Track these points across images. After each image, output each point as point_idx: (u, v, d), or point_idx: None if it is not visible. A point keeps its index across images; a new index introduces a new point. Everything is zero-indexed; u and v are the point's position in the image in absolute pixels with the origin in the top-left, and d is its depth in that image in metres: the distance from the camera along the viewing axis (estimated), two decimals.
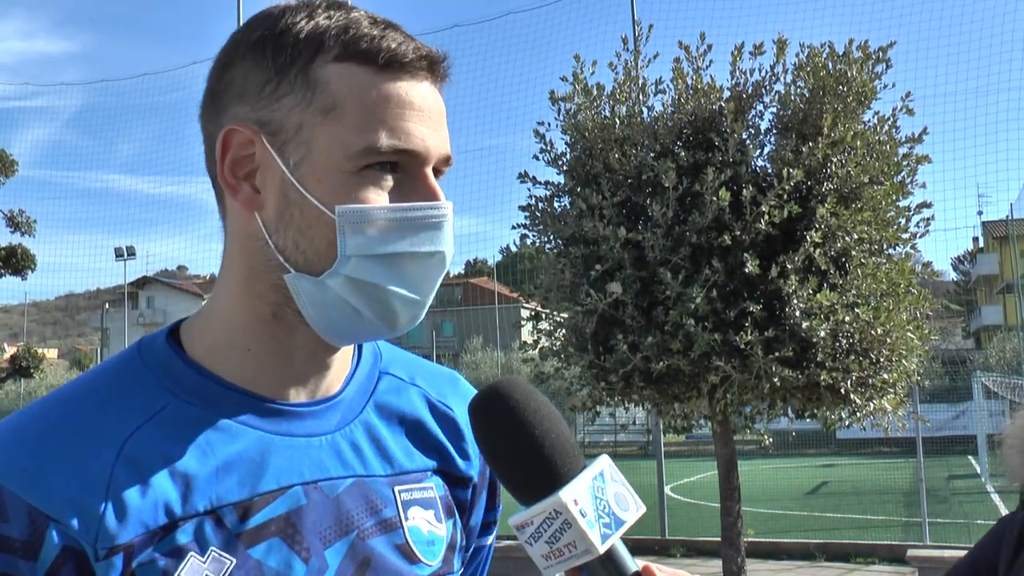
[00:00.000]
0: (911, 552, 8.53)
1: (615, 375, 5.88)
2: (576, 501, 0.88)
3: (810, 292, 5.46)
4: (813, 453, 24.13)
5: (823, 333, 5.50)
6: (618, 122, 6.25)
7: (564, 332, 6.45)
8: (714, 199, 5.53)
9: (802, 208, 5.64)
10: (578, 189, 6.10)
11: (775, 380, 5.50)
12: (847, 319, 5.58)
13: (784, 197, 5.60)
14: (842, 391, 5.75)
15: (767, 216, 5.58)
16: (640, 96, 6.40)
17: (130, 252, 34.41)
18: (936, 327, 8.24)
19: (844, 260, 5.81)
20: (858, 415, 6.18)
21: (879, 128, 6.05)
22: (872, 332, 5.70)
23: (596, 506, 0.89)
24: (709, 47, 6.26)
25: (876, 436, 22.25)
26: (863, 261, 5.80)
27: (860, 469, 20.95)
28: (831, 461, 23.72)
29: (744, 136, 5.98)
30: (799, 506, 15.60)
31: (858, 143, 5.79)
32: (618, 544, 0.90)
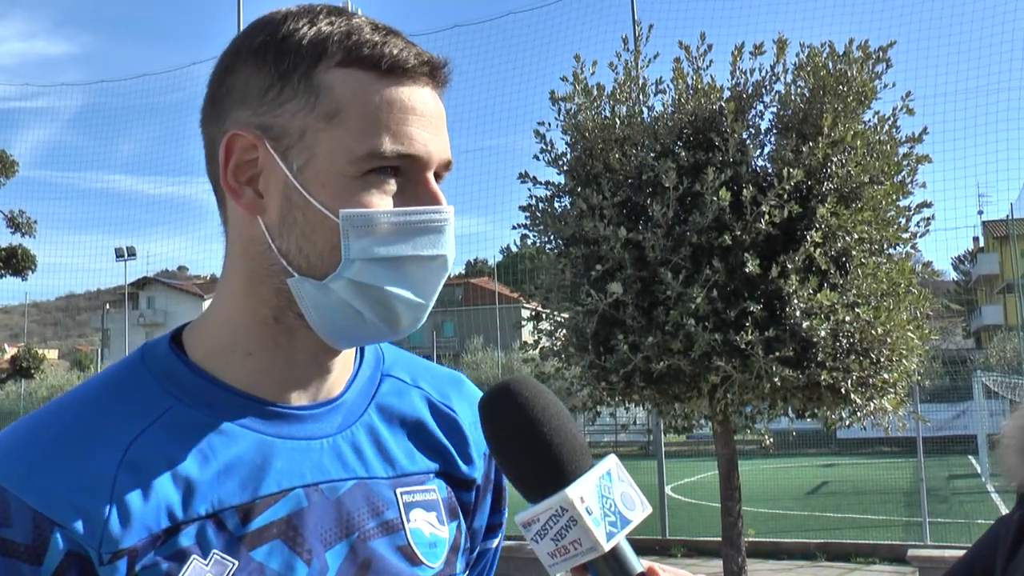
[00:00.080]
0: (912, 552, 8.53)
1: (616, 375, 5.88)
2: (582, 499, 0.88)
3: (810, 292, 5.46)
4: (814, 453, 24.08)
5: (823, 333, 5.50)
6: (618, 122, 6.24)
7: (565, 332, 6.44)
8: (714, 199, 5.53)
9: (802, 208, 5.64)
10: (578, 189, 6.10)
11: (776, 380, 5.50)
12: (847, 319, 5.58)
13: (784, 197, 5.60)
14: (842, 391, 5.74)
15: (767, 216, 5.58)
16: (640, 96, 6.40)
17: (130, 252, 34.48)
18: (936, 327, 8.25)
19: (844, 260, 5.80)
20: (858, 415, 6.17)
21: (879, 128, 6.04)
22: (872, 332, 5.69)
23: (602, 504, 0.90)
24: (709, 47, 6.26)
25: (876, 436, 22.27)
26: (863, 261, 5.79)
27: (861, 469, 20.92)
28: (832, 461, 23.69)
29: (744, 136, 5.98)
30: (800, 506, 15.58)
31: (858, 143, 5.79)
32: (623, 543, 0.91)
